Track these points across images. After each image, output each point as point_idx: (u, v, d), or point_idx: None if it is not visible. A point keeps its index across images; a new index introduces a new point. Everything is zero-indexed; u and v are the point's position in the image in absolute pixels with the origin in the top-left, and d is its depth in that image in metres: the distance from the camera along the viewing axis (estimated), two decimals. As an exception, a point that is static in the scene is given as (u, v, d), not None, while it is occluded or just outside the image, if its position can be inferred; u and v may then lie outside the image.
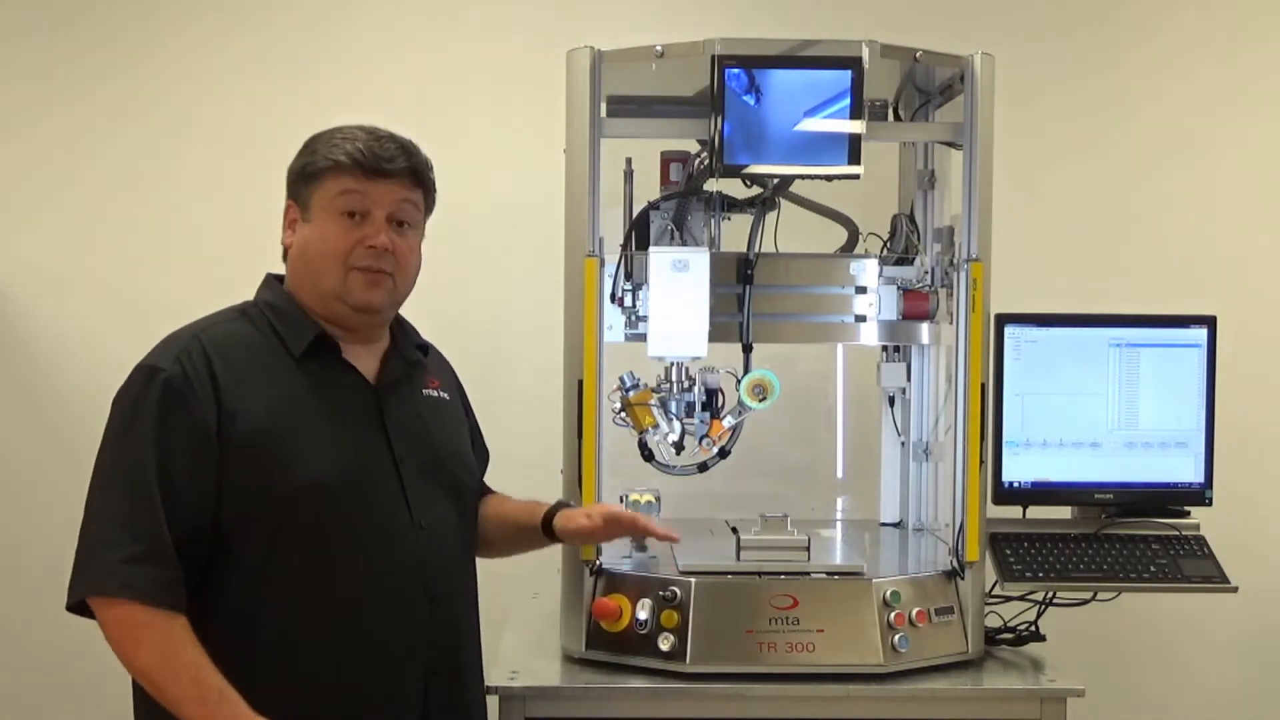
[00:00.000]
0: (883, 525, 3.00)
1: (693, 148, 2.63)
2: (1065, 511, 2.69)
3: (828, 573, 2.39)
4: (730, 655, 2.28)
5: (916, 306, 2.56)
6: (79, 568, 1.87)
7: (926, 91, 2.72)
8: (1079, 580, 2.53)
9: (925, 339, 2.66)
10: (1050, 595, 2.57)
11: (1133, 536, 2.61)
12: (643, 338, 2.45)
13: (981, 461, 2.42)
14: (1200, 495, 2.66)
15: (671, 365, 2.49)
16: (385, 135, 2.04)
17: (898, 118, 2.83)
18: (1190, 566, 2.55)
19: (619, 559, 2.49)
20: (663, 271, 2.39)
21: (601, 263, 2.37)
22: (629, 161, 2.63)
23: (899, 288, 2.57)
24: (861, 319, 2.55)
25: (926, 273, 2.64)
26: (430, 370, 2.20)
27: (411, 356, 2.14)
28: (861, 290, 2.54)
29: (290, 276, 2.06)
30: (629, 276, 2.49)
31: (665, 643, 2.28)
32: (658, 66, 2.40)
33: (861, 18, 3.30)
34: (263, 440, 1.90)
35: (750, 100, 2.32)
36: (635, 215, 2.60)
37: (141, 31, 3.35)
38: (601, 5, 3.33)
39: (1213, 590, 2.53)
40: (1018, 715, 2.31)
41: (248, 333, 2.00)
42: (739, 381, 2.45)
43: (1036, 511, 2.67)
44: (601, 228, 2.39)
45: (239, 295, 2.10)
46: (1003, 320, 2.61)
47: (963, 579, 2.41)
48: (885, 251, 2.75)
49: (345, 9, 3.37)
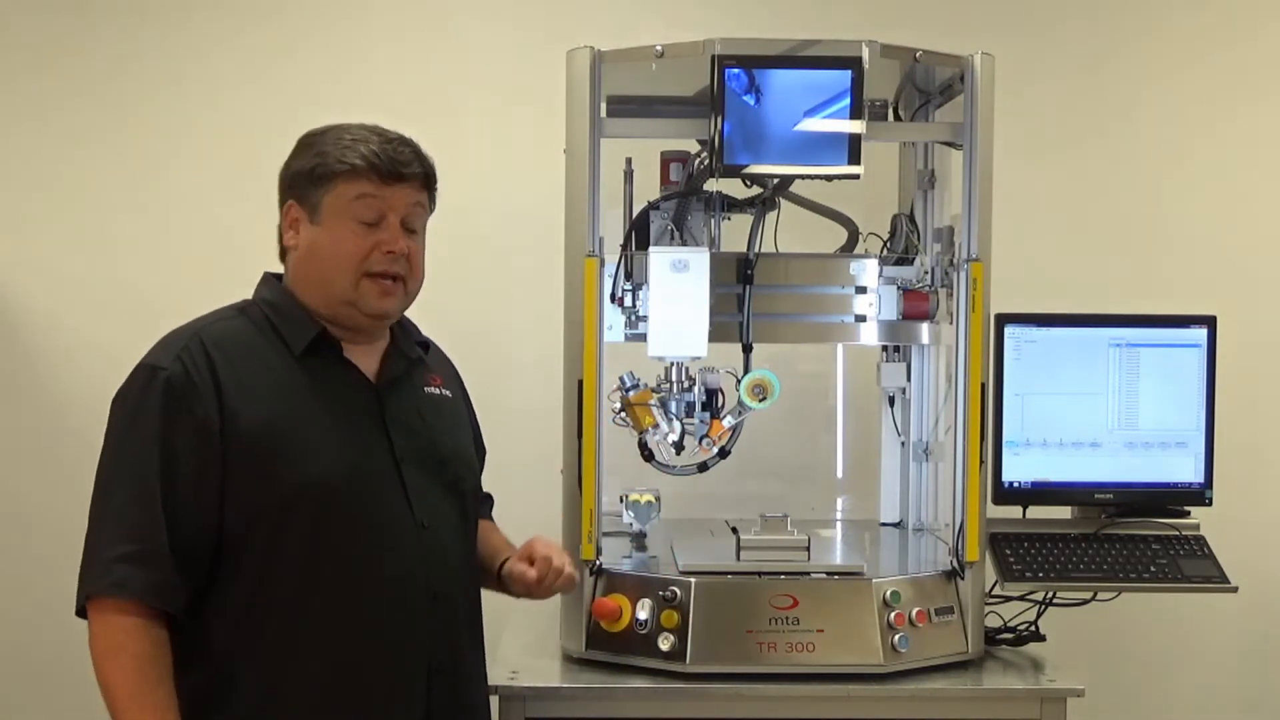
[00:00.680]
0: (883, 525, 3.00)
1: (693, 148, 2.63)
2: (1065, 511, 2.69)
3: (828, 573, 2.39)
4: (730, 655, 2.28)
5: (916, 306, 2.57)
6: (80, 573, 1.87)
7: (926, 91, 2.72)
8: (1079, 580, 2.53)
9: (925, 339, 2.66)
10: (1050, 595, 2.57)
11: (1133, 536, 2.61)
12: (643, 338, 2.45)
13: (981, 461, 2.42)
14: (1200, 495, 2.66)
15: (671, 365, 2.49)
16: (395, 137, 2.02)
17: (898, 118, 2.83)
18: (1190, 566, 2.55)
19: (619, 559, 2.49)
20: (663, 271, 2.39)
21: (601, 263, 2.37)
22: (629, 161, 2.63)
23: (899, 288, 2.57)
24: (861, 319, 2.55)
25: (926, 273, 2.64)
26: (431, 367, 2.18)
27: (412, 354, 2.13)
28: (861, 290, 2.55)
29: (294, 278, 2.04)
30: (629, 276, 2.49)
31: (665, 643, 2.28)
32: (658, 66, 2.40)
33: (861, 18, 3.30)
34: (265, 439, 1.89)
35: (750, 100, 2.32)
36: (635, 215, 2.60)
37: (140, 31, 3.34)
38: (601, 5, 3.33)
39: (1213, 590, 2.53)
40: (1018, 715, 2.31)
41: (248, 331, 1.98)
42: (739, 381, 2.45)
43: (1036, 511, 2.67)
44: (601, 228, 2.39)
45: (237, 294, 2.09)
46: (1003, 320, 2.61)
47: (963, 579, 2.41)
48: (885, 251, 2.75)
49: (344, 9, 3.37)
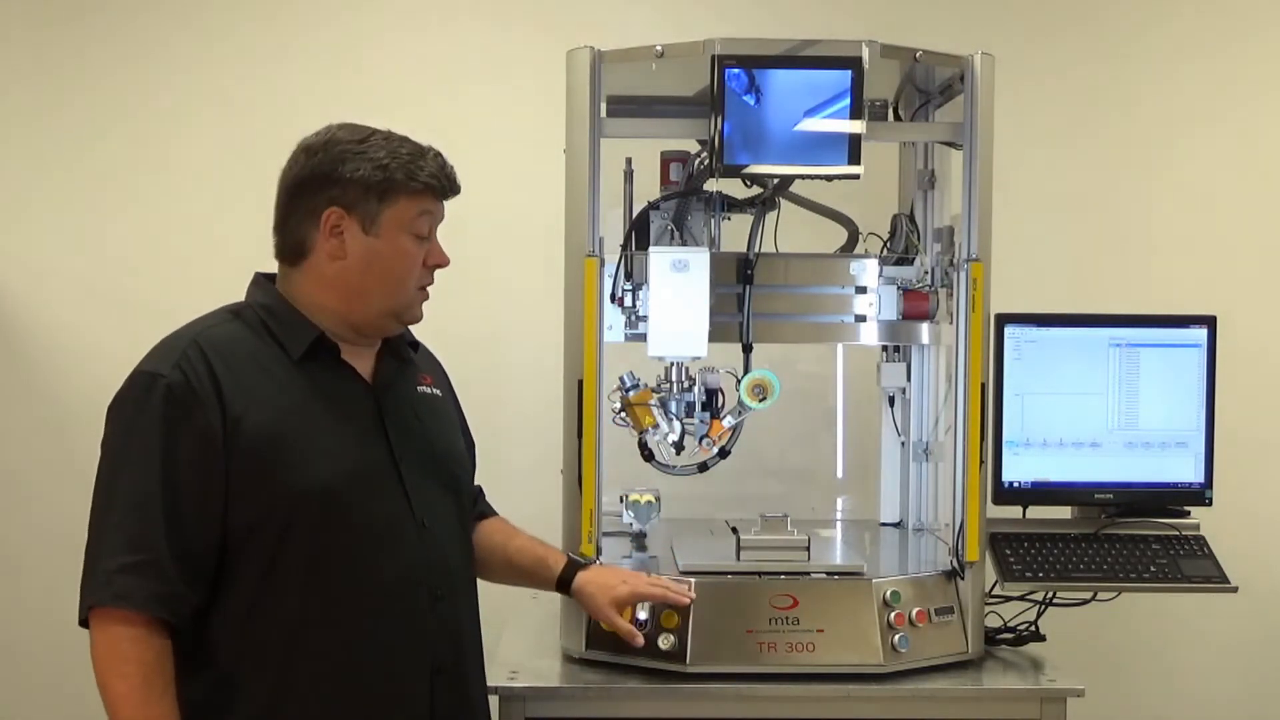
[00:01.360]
0: (883, 525, 3.00)
1: (693, 148, 2.63)
2: (1065, 511, 2.69)
3: (828, 573, 2.39)
4: (730, 655, 2.28)
5: (916, 306, 2.57)
6: (82, 583, 1.85)
7: (926, 91, 2.72)
8: (1079, 580, 2.53)
9: (925, 339, 2.66)
10: (1050, 595, 2.57)
11: (1133, 536, 2.61)
12: (643, 338, 2.45)
13: (981, 461, 2.42)
14: (1200, 495, 2.66)
15: (671, 365, 2.49)
16: (432, 151, 2.04)
17: (898, 118, 2.83)
18: (1190, 566, 2.55)
19: (619, 559, 2.49)
20: (663, 271, 2.39)
21: (601, 263, 2.37)
22: (629, 161, 2.63)
23: (899, 288, 2.57)
24: (861, 319, 2.55)
25: (926, 273, 2.64)
26: (421, 367, 2.19)
27: (404, 354, 2.14)
28: (861, 290, 2.55)
29: (327, 287, 1.99)
30: (629, 276, 2.49)
31: (665, 643, 2.28)
32: (658, 66, 2.40)
33: (861, 18, 3.30)
34: (269, 444, 1.88)
35: (750, 100, 2.32)
36: (635, 215, 2.60)
37: (138, 31, 3.34)
38: (601, 5, 3.33)
39: (1213, 590, 2.53)
40: (1018, 715, 2.31)
41: (244, 335, 1.96)
42: (739, 381, 2.45)
43: (1036, 511, 2.67)
44: (601, 228, 2.39)
45: (235, 295, 2.08)
46: (1003, 320, 2.61)
47: (963, 579, 2.41)
48: (885, 251, 2.75)
49: (344, 9, 3.37)
